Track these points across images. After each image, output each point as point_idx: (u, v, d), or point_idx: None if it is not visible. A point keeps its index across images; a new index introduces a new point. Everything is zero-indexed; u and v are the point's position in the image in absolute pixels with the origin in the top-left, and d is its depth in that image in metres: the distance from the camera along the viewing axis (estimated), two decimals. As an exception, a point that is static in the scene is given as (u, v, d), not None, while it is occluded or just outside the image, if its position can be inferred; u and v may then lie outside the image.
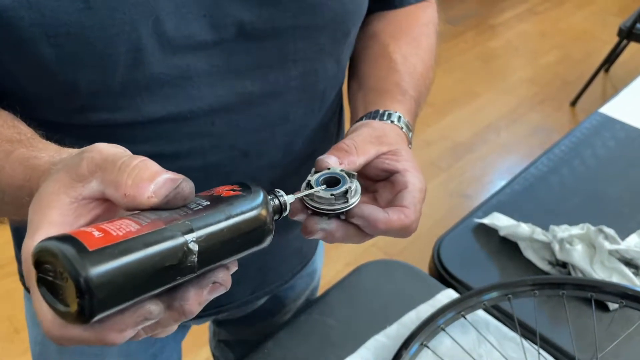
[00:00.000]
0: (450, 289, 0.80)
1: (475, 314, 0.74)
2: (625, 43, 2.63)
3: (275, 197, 0.39)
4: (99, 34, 0.41)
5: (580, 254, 0.80)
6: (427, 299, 0.78)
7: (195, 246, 0.31)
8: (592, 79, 2.64)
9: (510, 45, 3.22)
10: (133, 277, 0.28)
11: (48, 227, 0.30)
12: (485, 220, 0.89)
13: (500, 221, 0.88)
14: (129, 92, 0.45)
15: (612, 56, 2.73)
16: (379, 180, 0.47)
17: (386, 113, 0.52)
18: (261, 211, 0.36)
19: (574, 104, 2.69)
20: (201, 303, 0.33)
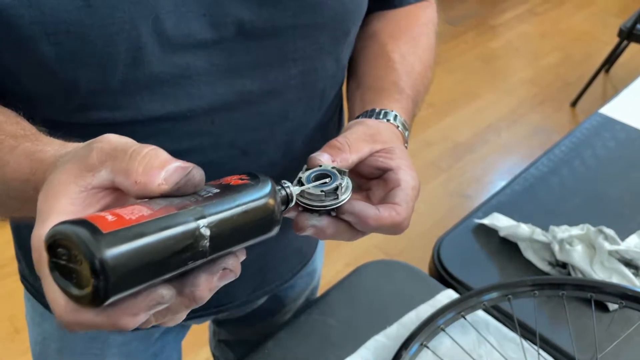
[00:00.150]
0: (450, 289, 0.80)
1: (475, 314, 0.74)
2: (625, 44, 2.63)
3: (282, 188, 0.40)
4: (99, 32, 0.41)
5: (580, 255, 0.80)
6: (427, 299, 0.78)
7: (207, 231, 0.31)
8: (593, 79, 2.64)
9: (510, 45, 3.22)
10: (147, 260, 0.28)
11: (58, 216, 0.30)
12: (485, 221, 0.89)
13: (500, 221, 0.88)
14: (128, 91, 0.45)
15: (613, 57, 2.73)
16: (372, 178, 0.47)
17: (382, 112, 0.52)
18: (269, 200, 0.36)
19: (574, 104, 2.69)
20: (211, 289, 0.33)
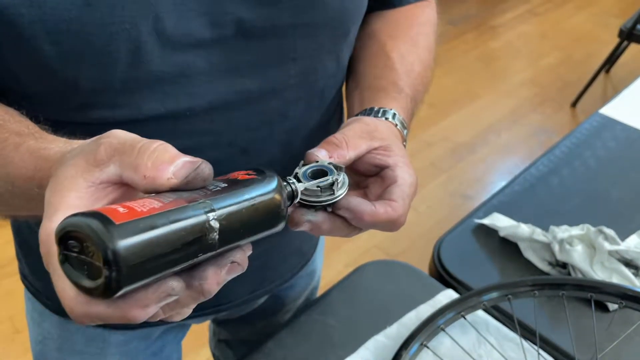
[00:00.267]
0: (450, 290, 0.80)
1: (475, 314, 0.74)
2: (625, 44, 2.63)
3: (287, 184, 0.41)
4: (99, 31, 0.41)
5: (580, 255, 0.80)
6: (427, 299, 0.78)
7: (216, 224, 0.31)
8: (593, 80, 2.64)
9: (510, 46, 3.22)
10: (158, 251, 0.29)
11: (66, 210, 0.30)
12: (486, 221, 0.89)
13: (500, 222, 0.88)
14: (128, 90, 0.45)
15: (613, 57, 2.73)
16: (370, 175, 0.47)
17: (381, 110, 0.52)
18: (276, 195, 0.37)
19: (574, 105, 2.69)
20: (219, 283, 0.33)
